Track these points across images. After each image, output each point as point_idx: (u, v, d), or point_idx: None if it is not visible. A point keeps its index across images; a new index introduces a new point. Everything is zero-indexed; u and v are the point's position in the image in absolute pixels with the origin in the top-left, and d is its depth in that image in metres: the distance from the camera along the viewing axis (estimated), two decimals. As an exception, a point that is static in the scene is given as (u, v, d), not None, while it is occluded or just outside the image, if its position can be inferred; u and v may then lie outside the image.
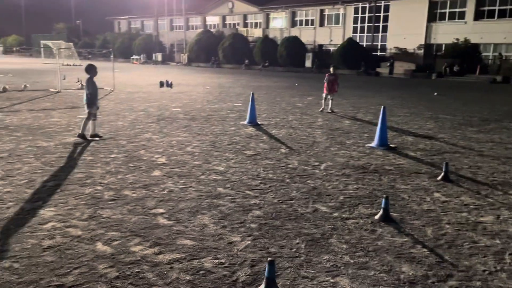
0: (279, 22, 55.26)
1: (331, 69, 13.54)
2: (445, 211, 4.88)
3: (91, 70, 8.03)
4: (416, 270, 3.47)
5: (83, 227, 4.08)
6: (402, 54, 41.80)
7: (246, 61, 47.76)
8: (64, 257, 3.46)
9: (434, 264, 3.59)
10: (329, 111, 13.22)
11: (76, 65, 40.73)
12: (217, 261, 3.51)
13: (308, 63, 45.23)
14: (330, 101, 13.37)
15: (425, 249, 3.86)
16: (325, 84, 13.30)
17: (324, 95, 13.42)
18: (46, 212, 4.43)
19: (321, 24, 50.54)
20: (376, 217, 4.58)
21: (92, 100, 8.00)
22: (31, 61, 48.91)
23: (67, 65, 40.37)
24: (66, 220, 4.23)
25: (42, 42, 48.94)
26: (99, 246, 3.70)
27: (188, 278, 3.23)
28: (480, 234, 4.25)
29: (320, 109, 13.40)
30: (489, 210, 4.94)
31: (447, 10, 40.75)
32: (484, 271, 3.49)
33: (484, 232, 4.29)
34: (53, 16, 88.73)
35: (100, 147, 7.51)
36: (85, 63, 10.94)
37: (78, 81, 19.98)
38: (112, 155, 6.96)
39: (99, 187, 5.31)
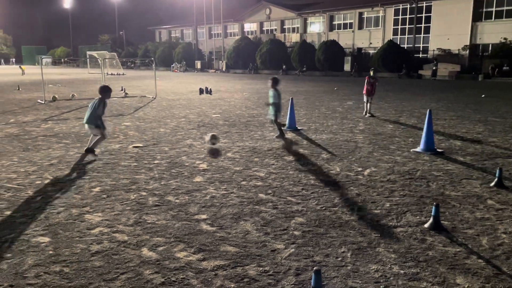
0: (316, 26, 54.93)
1: (371, 72, 13.25)
2: (501, 219, 4.59)
3: (105, 93, 7.64)
4: (472, 282, 3.26)
5: (129, 232, 4.16)
6: (446, 56, 40.37)
7: (284, 66, 47.73)
8: (112, 262, 3.52)
9: (492, 276, 3.36)
10: (369, 114, 12.92)
11: (120, 74, 42.24)
12: (261, 268, 3.46)
13: (347, 67, 44.64)
14: (369, 104, 13.09)
15: (480, 260, 3.63)
16: (365, 87, 13.04)
17: (364, 98, 13.17)
18: (94, 217, 4.55)
19: (360, 27, 49.76)
20: (426, 225, 4.37)
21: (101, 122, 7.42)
22: (78, 72, 51.20)
23: (112, 74, 41.95)
24: (113, 226, 4.32)
25: (88, 53, 51.12)
26: (145, 251, 3.74)
27: (232, 285, 3.19)
28: (542, 245, 3.96)
29: (364, 113, 13.13)
30: (550, 219, 4.60)
31: (494, 9, 38.99)
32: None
33: (546, 243, 3.99)
34: (98, 28, 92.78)
35: (144, 154, 7.68)
36: (129, 72, 11.25)
37: (122, 90, 20.68)
38: (156, 161, 7.09)
39: (143, 193, 5.40)
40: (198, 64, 58.02)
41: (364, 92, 13.11)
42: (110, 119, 12.03)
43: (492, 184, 5.82)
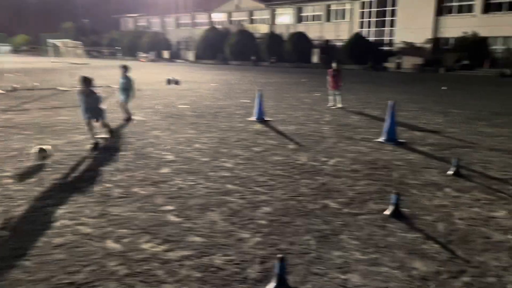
0: (285, 18, 55.04)
1: (334, 65, 13.44)
2: (457, 206, 4.83)
3: (87, 83, 7.17)
4: (428, 266, 3.43)
5: (93, 224, 4.10)
6: (410, 49, 41.47)
7: (253, 57, 47.67)
8: (75, 255, 3.47)
9: (447, 260, 3.55)
10: (339, 106, 13.15)
11: (84, 64, 40.97)
12: (227, 257, 3.50)
13: (315, 59, 45.08)
14: (337, 97, 13.30)
15: (437, 245, 3.82)
16: (329, 80, 13.26)
17: (330, 91, 13.39)
18: (56, 210, 4.45)
19: (328, 19, 50.27)
20: (387, 212, 4.53)
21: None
22: (39, 60, 49.25)
23: (75, 63, 40.63)
24: (76, 218, 4.24)
25: (50, 41, 49.23)
26: (109, 243, 3.70)
27: (198, 275, 3.22)
28: (493, 229, 4.20)
29: (331, 105, 13.35)
30: (501, 205, 4.88)
31: (455, 4, 40.29)
32: (497, 266, 3.44)
33: (496, 227, 4.24)
34: (61, 15, 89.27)
35: (109, 145, 7.53)
36: (93, 61, 10.98)
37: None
38: (121, 153, 6.98)
39: (108, 185, 5.32)
40: (166, 54, 57.06)
41: (329, 85, 13.32)
42: (73, 110, 11.68)
43: (450, 173, 6.09)
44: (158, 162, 6.43)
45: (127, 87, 10.09)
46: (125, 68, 10.16)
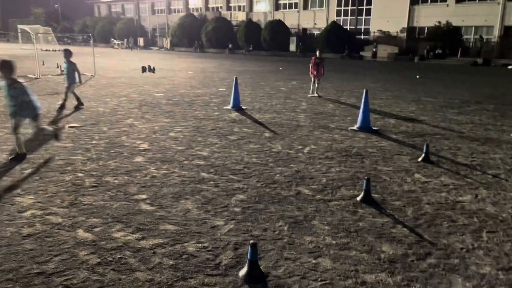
0: (262, 5, 54.71)
1: (317, 52, 13.38)
2: (425, 191, 4.97)
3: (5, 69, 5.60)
4: (396, 249, 3.53)
5: (63, 214, 4.03)
6: (385, 38, 41.99)
7: (230, 45, 47.32)
8: (44, 245, 3.42)
9: (414, 243, 3.66)
10: (315, 95, 13.18)
11: (55, 51, 39.77)
12: (200, 245, 3.52)
13: (292, 47, 45.11)
14: (316, 85, 13.32)
15: (405, 229, 3.93)
16: (312, 68, 13.22)
17: (312, 79, 13.34)
18: (25, 200, 4.36)
19: (305, 7, 50.25)
20: (358, 198, 4.63)
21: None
22: (8, 47, 47.55)
23: (46, 50, 39.41)
24: (46, 208, 4.17)
25: (20, 27, 47.51)
26: (80, 233, 3.66)
27: (171, 262, 3.23)
28: (459, 213, 4.35)
29: (309, 95, 13.28)
30: (468, 190, 5.05)
31: (430, -7, 40.89)
32: (462, 248, 3.58)
33: (462, 211, 4.39)
34: (31, 0, 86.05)
35: (81, 134, 7.39)
36: (65, 48, 10.73)
37: (57, 67, 19.54)
38: (93, 142, 6.86)
39: (80, 174, 5.23)
40: (141, 41, 55.98)
41: (311, 73, 13.29)
42: (44, 98, 11.38)
43: (420, 159, 6.25)
44: (131, 151, 6.36)
45: (70, 72, 10.03)
46: (67, 52, 9.97)
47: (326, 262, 3.30)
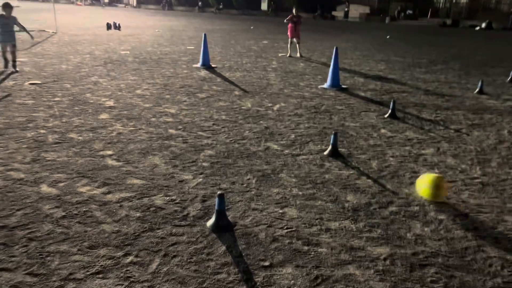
0: (233, -39, 52.65)
1: (294, 10, 13.02)
2: (390, 145, 5.10)
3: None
4: (360, 199, 3.65)
5: (25, 170, 3.92)
6: (358, -3, 41.53)
7: (200, 3, 45.79)
8: (6, 200, 3.33)
9: (377, 193, 3.78)
10: (298, 56, 12.77)
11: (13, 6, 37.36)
12: (168, 198, 3.52)
13: (264, 6, 44.11)
14: (297, 45, 12.97)
15: (369, 180, 4.05)
16: (289, 27, 12.90)
17: (289, 39, 13.01)
18: (-15, 157, 4.20)
19: (277, -36, 48.68)
20: (325, 153, 4.71)
21: None
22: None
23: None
24: (7, 164, 4.03)
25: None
26: (44, 188, 3.58)
27: (138, 215, 3.22)
28: (421, 165, 4.50)
29: (287, 54, 12.94)
30: (431, 144, 5.21)
31: (402, -48, 40.35)
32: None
33: (424, 163, 4.54)
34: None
35: (43, 91, 7.09)
36: (24, 3, 10.04)
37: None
38: (56, 99, 6.61)
39: (42, 131, 5.06)
40: (106, -2, 53.30)
41: (289, 33, 12.92)
42: None
43: (386, 115, 6.37)
44: (96, 108, 6.18)
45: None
46: (6, 8, 8.53)
47: (292, 211, 3.38)
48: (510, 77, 9.84)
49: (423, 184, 3.69)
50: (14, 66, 8.73)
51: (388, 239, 3.02)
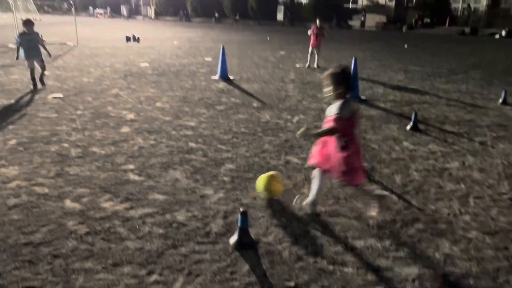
0: (249, -28, 53.19)
1: (317, 22, 12.94)
2: (413, 159, 5.00)
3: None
4: (384, 215, 3.57)
5: (50, 185, 3.96)
6: (374, 6, 41.50)
7: (216, 14, 46.31)
8: (31, 215, 3.37)
9: (402, 209, 3.70)
10: (315, 66, 12.80)
11: (36, 20, 38.43)
12: (190, 214, 3.50)
13: (279, 16, 44.35)
14: (316, 55, 12.94)
15: (393, 196, 3.96)
16: (312, 37, 12.83)
17: (310, 49, 12.94)
18: (10, 170, 4.27)
19: (293, -25, 48.99)
20: (347, 166, 4.63)
21: None
22: (-14, 16, 45.75)
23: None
24: (32, 179, 4.09)
25: (-4, -6, 45.55)
26: (68, 203, 3.61)
27: (160, 231, 3.21)
28: (446, 179, 4.39)
29: (306, 65, 12.92)
30: (455, 157, 5.10)
31: (419, -40, 40.19)
32: (448, 214, 3.63)
33: (449, 178, 4.44)
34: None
35: (65, 104, 7.21)
36: (45, 17, 10.29)
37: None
38: (78, 112, 6.71)
39: (65, 145, 5.13)
40: (124, 10, 54.37)
41: (311, 42, 12.82)
42: (25, 69, 11.03)
43: (408, 127, 6.27)
44: (118, 122, 6.24)
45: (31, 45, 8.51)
46: (27, 24, 8.45)
47: (314, 227, 3.32)
48: (534, 87, 9.61)
49: (261, 185, 3.77)
50: (41, 80, 8.70)
51: (416, 259, 2.94)
